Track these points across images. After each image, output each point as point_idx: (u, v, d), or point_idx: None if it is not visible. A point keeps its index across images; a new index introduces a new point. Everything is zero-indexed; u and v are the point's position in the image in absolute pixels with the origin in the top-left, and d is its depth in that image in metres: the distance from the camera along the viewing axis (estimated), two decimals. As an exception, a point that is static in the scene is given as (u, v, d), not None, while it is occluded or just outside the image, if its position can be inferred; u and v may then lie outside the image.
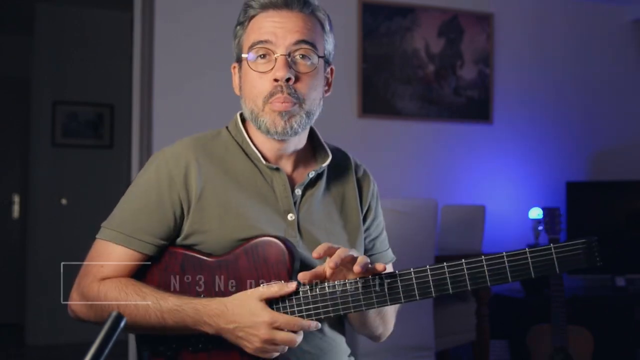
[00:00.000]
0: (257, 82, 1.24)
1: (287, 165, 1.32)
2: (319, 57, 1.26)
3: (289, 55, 1.22)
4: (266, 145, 1.29)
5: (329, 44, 1.31)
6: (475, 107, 4.02)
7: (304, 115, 1.24)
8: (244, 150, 1.30)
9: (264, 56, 1.24)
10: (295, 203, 1.28)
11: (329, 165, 1.33)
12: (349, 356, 1.38)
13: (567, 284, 3.63)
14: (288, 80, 1.22)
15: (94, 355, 0.83)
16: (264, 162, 1.28)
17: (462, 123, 4.00)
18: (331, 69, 1.34)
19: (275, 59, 1.22)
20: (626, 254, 3.94)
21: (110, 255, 1.24)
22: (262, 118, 1.24)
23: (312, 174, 1.30)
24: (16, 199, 5.75)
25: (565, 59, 4.26)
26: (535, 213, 3.79)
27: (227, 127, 1.36)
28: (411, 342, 2.77)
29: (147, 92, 3.46)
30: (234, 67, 1.34)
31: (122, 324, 0.93)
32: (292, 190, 1.29)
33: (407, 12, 3.87)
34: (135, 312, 1.18)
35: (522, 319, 3.45)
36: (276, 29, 1.23)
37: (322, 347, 1.29)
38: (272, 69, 1.22)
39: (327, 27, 1.30)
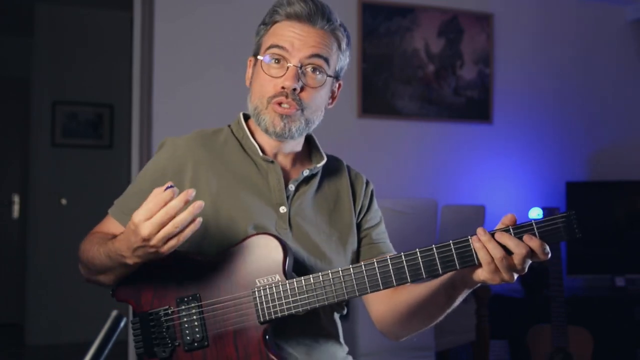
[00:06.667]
0: (266, 82, 1.31)
1: (286, 163, 1.39)
2: (328, 75, 1.33)
3: (300, 67, 1.29)
4: (265, 142, 1.37)
5: (342, 61, 1.38)
6: (475, 107, 4.02)
7: (303, 122, 1.32)
8: (242, 146, 1.38)
9: (278, 61, 1.30)
10: (288, 197, 1.34)
11: (323, 168, 1.41)
12: (347, 354, 1.40)
13: (567, 284, 3.63)
14: (294, 90, 1.29)
15: (94, 355, 0.83)
16: (260, 154, 1.35)
17: (462, 123, 4.00)
18: (339, 84, 1.41)
19: (287, 67, 1.29)
20: (626, 254, 3.94)
21: (109, 227, 1.36)
22: (264, 116, 1.31)
23: (306, 172, 1.37)
24: (16, 199, 5.75)
25: (565, 59, 4.26)
26: (535, 213, 3.79)
27: (229, 125, 1.44)
28: (411, 342, 2.76)
29: (147, 92, 3.46)
30: (250, 60, 1.40)
31: (122, 324, 0.93)
32: (287, 185, 1.35)
33: (406, 12, 3.87)
34: (93, 252, 1.26)
35: (522, 319, 3.45)
36: (294, 40, 1.29)
37: (318, 339, 1.32)
38: (282, 76, 1.29)
39: (344, 46, 1.37)
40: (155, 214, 1.07)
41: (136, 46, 3.48)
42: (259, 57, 1.34)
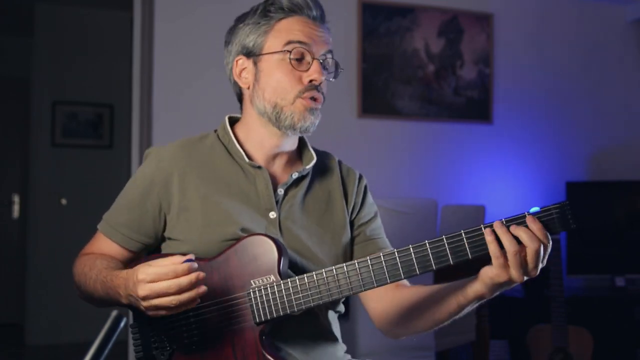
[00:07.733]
0: (288, 78, 1.28)
1: (277, 165, 1.36)
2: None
3: (320, 61, 1.29)
4: (262, 144, 1.34)
5: None
6: (475, 107, 4.02)
7: (319, 117, 1.31)
8: (228, 151, 1.35)
9: (297, 58, 1.28)
10: (277, 202, 1.32)
11: (314, 167, 1.37)
12: (345, 353, 1.39)
13: (567, 284, 3.63)
14: (320, 83, 1.29)
15: (94, 355, 0.83)
16: (247, 160, 1.32)
17: (462, 123, 4.00)
18: None
19: (310, 62, 1.28)
20: (626, 254, 3.94)
21: (100, 244, 1.35)
22: (290, 111, 1.28)
23: (295, 175, 1.34)
24: (16, 199, 5.75)
25: (565, 58, 4.26)
26: (535, 213, 3.78)
27: (215, 130, 1.40)
28: (411, 342, 2.77)
29: (147, 92, 3.46)
30: (239, 59, 1.35)
31: (122, 324, 0.93)
32: (276, 190, 1.33)
33: (406, 12, 3.87)
34: (88, 282, 1.28)
35: (522, 319, 3.45)
36: (313, 35, 1.29)
37: (315, 338, 1.32)
38: (306, 70, 1.28)
39: None
40: (161, 281, 1.07)
41: (136, 46, 3.47)
42: (273, 51, 1.29)
